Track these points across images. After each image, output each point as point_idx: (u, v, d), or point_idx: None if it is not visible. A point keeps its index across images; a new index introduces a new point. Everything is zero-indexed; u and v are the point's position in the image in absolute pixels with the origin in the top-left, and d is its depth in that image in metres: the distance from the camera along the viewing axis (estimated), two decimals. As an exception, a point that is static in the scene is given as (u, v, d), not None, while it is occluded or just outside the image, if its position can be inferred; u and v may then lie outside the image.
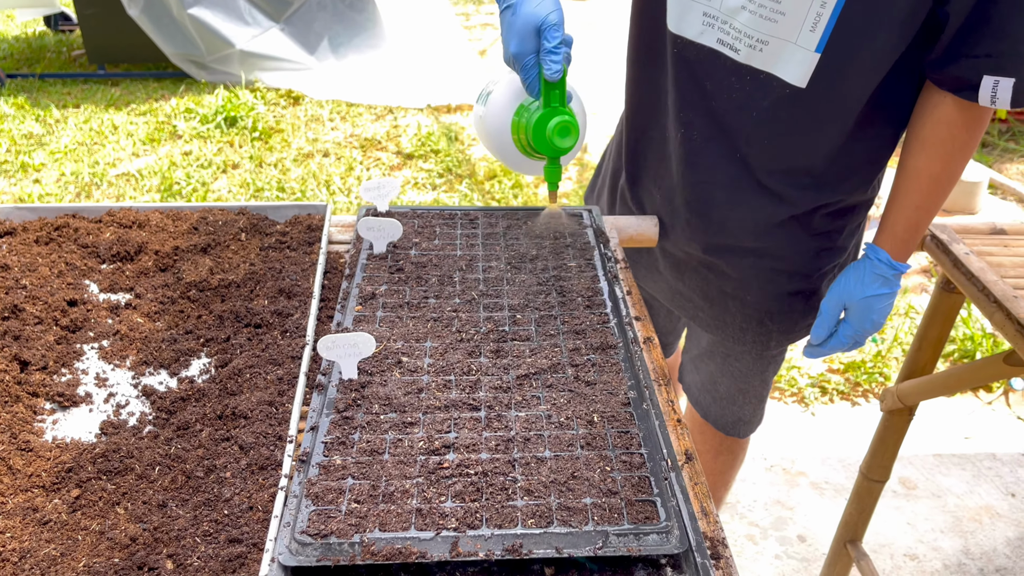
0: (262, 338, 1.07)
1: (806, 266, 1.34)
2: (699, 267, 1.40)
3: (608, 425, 0.88)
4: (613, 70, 5.13)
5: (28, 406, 0.95)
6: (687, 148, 1.26)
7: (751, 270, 1.35)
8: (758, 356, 1.49)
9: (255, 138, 4.33)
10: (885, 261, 1.20)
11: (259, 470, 0.86)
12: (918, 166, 1.16)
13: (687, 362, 1.67)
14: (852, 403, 2.74)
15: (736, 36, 1.12)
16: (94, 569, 0.74)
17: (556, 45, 1.06)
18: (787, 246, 1.31)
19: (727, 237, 1.32)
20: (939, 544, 2.20)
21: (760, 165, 1.22)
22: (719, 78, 1.17)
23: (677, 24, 1.18)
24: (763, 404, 1.61)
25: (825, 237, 1.31)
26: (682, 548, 0.75)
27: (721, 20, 1.13)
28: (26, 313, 1.08)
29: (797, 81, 1.11)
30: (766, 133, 1.19)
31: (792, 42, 1.08)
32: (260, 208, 1.36)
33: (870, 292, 1.21)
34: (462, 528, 0.75)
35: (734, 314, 1.41)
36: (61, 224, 1.29)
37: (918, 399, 1.54)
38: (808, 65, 1.09)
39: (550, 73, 1.07)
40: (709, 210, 1.30)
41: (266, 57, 4.97)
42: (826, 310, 1.26)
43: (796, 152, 1.20)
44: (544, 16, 1.07)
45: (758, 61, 1.12)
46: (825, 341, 1.29)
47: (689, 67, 1.20)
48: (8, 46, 5.77)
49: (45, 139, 4.27)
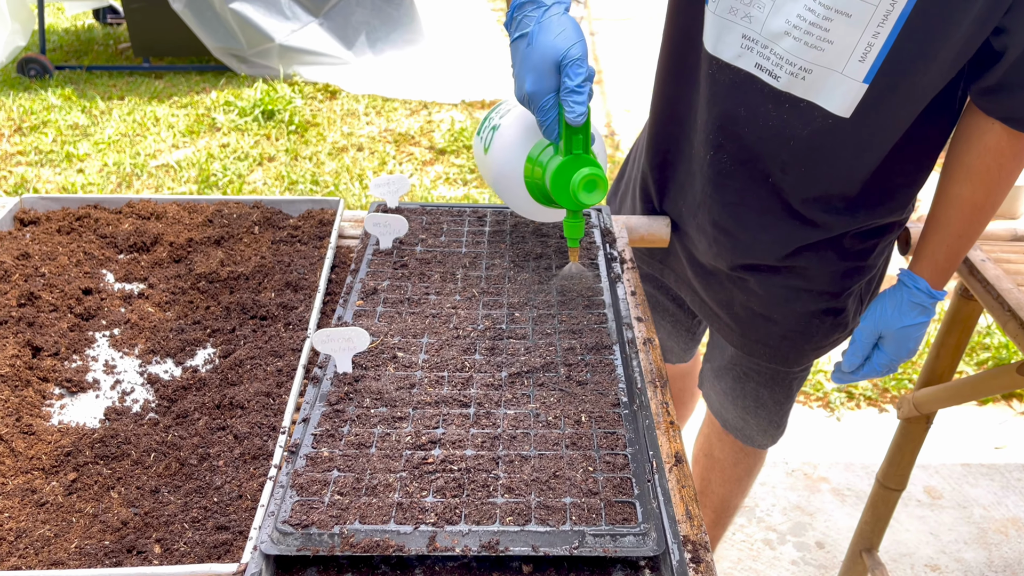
0: (266, 330, 1.09)
1: (834, 286, 1.31)
2: (725, 281, 1.38)
3: (595, 425, 0.88)
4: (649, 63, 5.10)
5: (38, 391, 0.98)
6: (716, 169, 1.22)
7: (778, 289, 1.32)
8: (783, 373, 1.46)
9: (291, 131, 4.40)
10: (924, 290, 1.17)
11: (251, 459, 0.88)
12: (962, 194, 1.12)
13: (708, 371, 1.64)
14: (880, 409, 2.70)
15: (776, 63, 1.06)
16: (85, 551, 0.77)
17: (580, 83, 0.95)
18: (816, 267, 1.28)
19: (754, 258, 1.29)
20: (962, 556, 2.16)
21: (793, 192, 1.18)
22: (755, 103, 1.12)
23: (714, 45, 1.12)
24: (786, 418, 1.58)
25: (856, 256, 1.28)
26: (659, 551, 0.75)
27: (761, 44, 1.07)
28: (42, 300, 1.12)
29: (841, 112, 1.06)
30: (803, 162, 1.14)
31: (838, 72, 1.03)
32: (275, 202, 1.38)
33: (908, 322, 1.17)
34: (440, 523, 0.76)
35: (760, 330, 1.39)
36: (83, 214, 1.33)
37: (935, 407, 1.51)
38: (854, 96, 1.04)
39: (573, 117, 0.96)
40: (737, 231, 1.26)
41: (305, 51, 5.04)
42: (860, 339, 1.23)
43: (832, 180, 1.16)
44: (566, 49, 0.96)
45: (799, 89, 1.07)
46: (858, 369, 1.26)
47: (723, 89, 1.14)
48: (58, 38, 5.93)
49: (90, 130, 4.38)
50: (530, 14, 0.99)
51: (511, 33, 1.01)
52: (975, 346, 2.90)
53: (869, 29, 0.98)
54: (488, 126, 1.16)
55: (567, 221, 1.04)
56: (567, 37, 0.96)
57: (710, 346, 1.62)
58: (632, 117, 4.55)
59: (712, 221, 1.28)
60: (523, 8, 1.01)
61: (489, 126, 1.15)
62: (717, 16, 1.10)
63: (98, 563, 0.76)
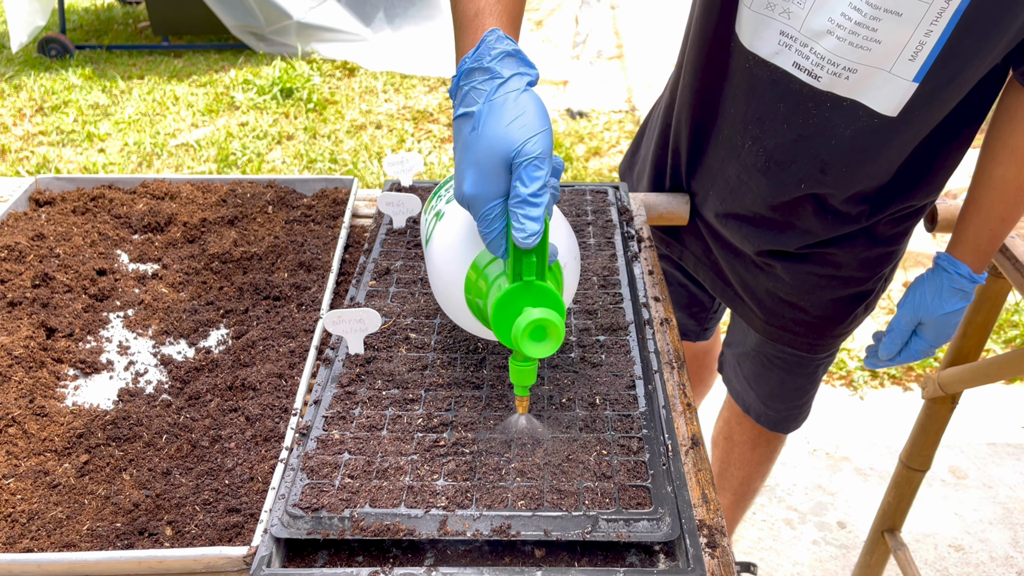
0: (279, 311, 1.08)
1: (865, 271, 1.27)
2: (750, 266, 1.34)
3: (610, 408, 0.87)
4: (670, 37, 5.02)
5: (52, 372, 0.98)
6: (751, 161, 1.17)
7: (805, 275, 1.29)
8: (808, 359, 1.42)
9: (310, 110, 4.38)
10: (966, 275, 1.13)
11: (263, 441, 0.87)
12: (1006, 176, 1.08)
13: (729, 356, 1.61)
14: (904, 388, 2.66)
15: (817, 62, 1.01)
16: (97, 532, 0.77)
17: (535, 191, 0.71)
18: (848, 254, 1.25)
19: (783, 245, 1.25)
20: (987, 536, 2.13)
21: (833, 192, 1.15)
22: (795, 101, 1.07)
23: (750, 40, 1.07)
24: (810, 403, 1.55)
25: (888, 241, 1.25)
26: (673, 536, 0.73)
27: (800, 43, 1.01)
28: (56, 281, 1.12)
29: (888, 111, 1.01)
30: (846, 162, 1.10)
31: (886, 71, 0.98)
32: (288, 181, 1.37)
33: (949, 308, 1.14)
34: (451, 507, 0.75)
35: (785, 317, 1.36)
36: (97, 195, 1.33)
37: (960, 387, 1.48)
38: (903, 95, 0.99)
39: (521, 237, 0.71)
40: (769, 221, 1.23)
41: (323, 28, 5.01)
42: (899, 327, 1.20)
43: (872, 176, 1.13)
44: (521, 143, 0.71)
45: (842, 89, 1.02)
46: (896, 355, 1.23)
47: (762, 85, 1.09)
48: (78, 18, 5.94)
49: (110, 109, 4.39)
50: (479, 87, 0.75)
51: (455, 107, 0.77)
52: (1003, 323, 2.84)
53: (921, 28, 0.93)
54: (432, 209, 0.92)
55: (512, 362, 0.78)
56: (525, 126, 0.72)
57: (731, 330, 1.59)
58: (653, 92, 4.49)
59: (745, 207, 1.24)
60: (471, 76, 0.76)
61: (433, 211, 0.92)
62: (752, 11, 1.05)
63: (110, 545, 0.76)
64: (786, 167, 1.14)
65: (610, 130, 4.29)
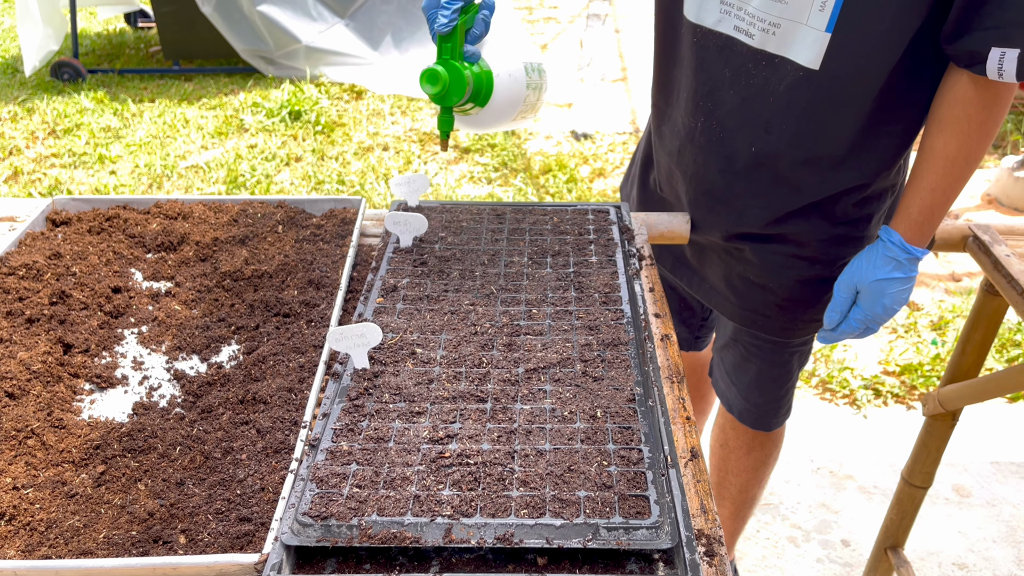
0: (289, 327, 1.11)
1: (827, 253, 1.33)
2: (722, 253, 1.41)
3: (610, 420, 0.89)
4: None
5: (69, 386, 1.01)
6: (707, 137, 1.27)
7: (772, 256, 1.35)
8: (782, 345, 1.48)
9: (318, 132, 4.44)
10: (898, 244, 1.18)
11: (273, 453, 0.90)
12: (935, 146, 1.14)
13: (715, 354, 1.68)
14: (907, 407, 2.67)
15: (751, 21, 1.14)
16: (113, 541, 0.79)
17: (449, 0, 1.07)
18: (807, 233, 1.31)
19: (747, 225, 1.32)
20: (991, 554, 2.13)
21: (780, 153, 1.22)
22: (737, 64, 1.19)
23: (696, 13, 1.21)
24: (789, 396, 1.60)
25: (851, 226, 1.30)
26: (672, 544, 0.76)
27: (736, 7, 1.15)
28: (73, 299, 1.15)
29: (810, 63, 1.11)
30: (784, 118, 1.18)
31: (803, 23, 1.09)
32: (298, 202, 1.41)
33: (881, 275, 1.19)
34: (456, 516, 0.77)
35: (756, 301, 1.42)
36: (112, 215, 1.36)
37: (960, 404, 1.50)
38: (820, 46, 1.09)
39: (435, 27, 1.08)
40: (729, 198, 1.31)
41: (331, 52, 5.09)
42: (837, 292, 1.25)
43: (816, 138, 1.19)
44: None
45: (772, 45, 1.14)
46: (838, 325, 1.27)
47: (709, 56, 1.22)
48: (90, 42, 6.04)
49: (122, 132, 4.46)
50: None
51: None
52: (1005, 343, 2.85)
53: None
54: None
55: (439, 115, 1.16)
56: None
57: (716, 330, 1.66)
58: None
59: (705, 190, 1.32)
60: None
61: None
62: None
63: (125, 553, 0.78)
64: (736, 132, 1.23)
65: (614, 151, 4.33)
